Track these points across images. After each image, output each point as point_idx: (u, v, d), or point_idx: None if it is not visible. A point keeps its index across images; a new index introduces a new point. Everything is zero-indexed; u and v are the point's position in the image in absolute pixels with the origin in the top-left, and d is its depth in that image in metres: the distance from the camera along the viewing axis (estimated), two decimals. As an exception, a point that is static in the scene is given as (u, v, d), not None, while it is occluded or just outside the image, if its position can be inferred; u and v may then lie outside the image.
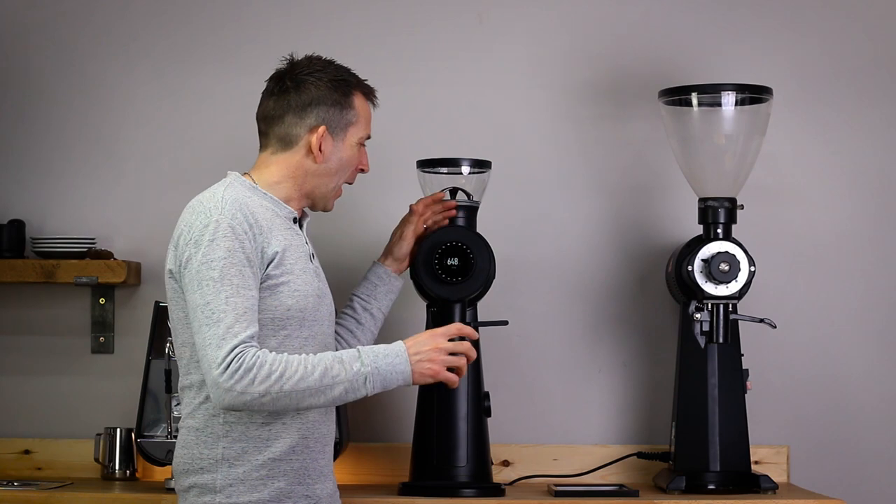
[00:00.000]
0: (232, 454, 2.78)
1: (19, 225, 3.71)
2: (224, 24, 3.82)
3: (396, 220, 3.67)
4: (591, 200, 3.79)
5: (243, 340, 2.67)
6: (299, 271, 2.83)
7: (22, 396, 3.77)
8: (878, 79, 3.81)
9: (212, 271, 2.71)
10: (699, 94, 3.45)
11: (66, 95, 3.80)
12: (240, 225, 2.76)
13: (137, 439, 3.54)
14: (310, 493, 2.83)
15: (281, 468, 2.79)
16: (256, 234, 2.78)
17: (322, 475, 2.86)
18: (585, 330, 3.77)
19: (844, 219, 3.79)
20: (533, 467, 3.70)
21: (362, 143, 2.94)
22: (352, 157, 2.91)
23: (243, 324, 2.68)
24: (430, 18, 3.82)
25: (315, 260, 2.93)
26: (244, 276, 2.73)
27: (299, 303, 2.81)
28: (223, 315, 2.69)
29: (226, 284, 2.71)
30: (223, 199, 2.79)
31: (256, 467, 2.78)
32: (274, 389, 2.66)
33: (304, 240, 2.91)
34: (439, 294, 3.38)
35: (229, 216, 2.76)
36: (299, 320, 2.81)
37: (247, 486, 2.77)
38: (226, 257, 2.72)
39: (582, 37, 3.81)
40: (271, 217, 2.85)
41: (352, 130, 2.91)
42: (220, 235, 2.74)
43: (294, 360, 2.69)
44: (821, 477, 3.71)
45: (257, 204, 2.84)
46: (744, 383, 3.48)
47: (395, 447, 3.65)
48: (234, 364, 2.65)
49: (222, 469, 2.78)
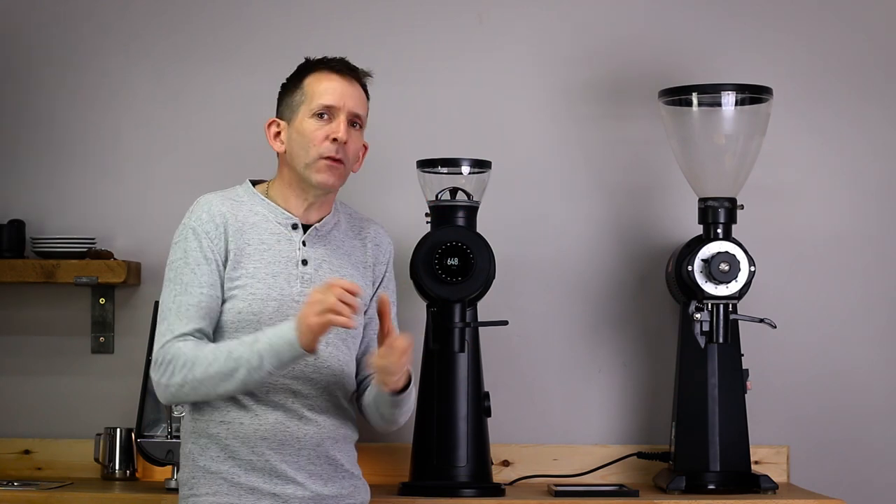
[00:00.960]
0: (196, 450, 2.86)
1: (19, 225, 3.71)
2: (224, 24, 3.82)
3: (396, 219, 3.67)
4: (591, 200, 3.79)
5: (177, 336, 2.78)
6: (264, 276, 2.86)
7: (22, 396, 3.77)
8: (878, 79, 3.81)
9: (169, 272, 2.87)
10: (699, 94, 3.45)
11: (66, 95, 3.80)
12: (203, 226, 2.86)
13: (137, 439, 3.54)
14: (278, 493, 2.83)
15: (242, 465, 2.82)
16: (225, 235, 2.86)
17: (289, 477, 2.83)
18: (585, 330, 3.77)
19: (844, 219, 3.79)
20: (533, 467, 3.70)
21: (320, 114, 2.89)
22: (306, 129, 2.89)
23: (182, 321, 2.80)
24: (430, 18, 3.82)
25: (307, 266, 2.90)
26: (196, 274, 2.83)
27: (252, 307, 2.84)
28: (168, 314, 2.83)
29: (176, 283, 2.84)
30: (199, 201, 2.92)
31: (216, 462, 2.83)
32: (189, 378, 2.76)
33: (296, 246, 2.90)
34: (439, 294, 3.38)
35: (194, 218, 2.88)
36: (253, 324, 2.83)
37: (207, 479, 2.84)
38: (181, 258, 2.86)
39: (582, 37, 3.81)
40: (257, 222, 2.90)
41: (302, 109, 2.91)
42: (182, 238, 2.88)
43: (207, 348, 2.77)
44: (821, 477, 3.70)
45: (246, 209, 2.91)
46: (744, 383, 3.48)
47: (395, 447, 3.65)
48: (158, 359, 2.79)
49: (188, 464, 2.88)
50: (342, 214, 3.02)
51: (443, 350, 3.42)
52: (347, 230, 3.00)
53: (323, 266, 2.92)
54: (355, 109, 2.92)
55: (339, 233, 2.98)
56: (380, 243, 3.04)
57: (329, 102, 2.89)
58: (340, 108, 2.90)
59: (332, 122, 2.89)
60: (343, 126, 2.89)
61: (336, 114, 2.90)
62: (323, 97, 2.90)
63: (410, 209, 3.66)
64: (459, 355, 3.42)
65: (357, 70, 2.97)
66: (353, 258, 2.98)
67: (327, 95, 2.90)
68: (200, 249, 2.84)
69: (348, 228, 3.01)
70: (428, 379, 3.45)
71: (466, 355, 3.43)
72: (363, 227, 3.04)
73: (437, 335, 3.42)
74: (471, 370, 3.43)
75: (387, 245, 3.06)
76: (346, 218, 3.02)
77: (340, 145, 2.88)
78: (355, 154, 2.94)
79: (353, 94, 2.92)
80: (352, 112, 2.91)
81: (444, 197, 3.47)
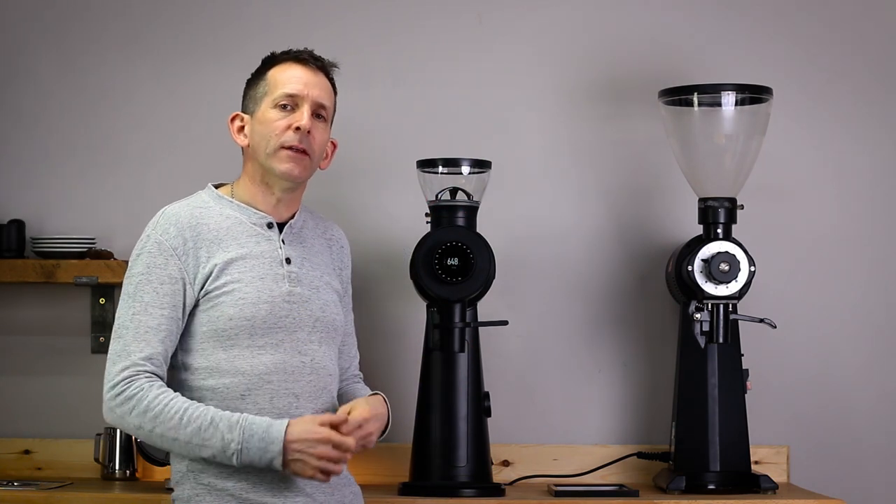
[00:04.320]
0: (197, 467, 2.76)
1: (19, 225, 3.71)
2: (224, 24, 3.82)
3: (396, 219, 3.68)
4: (591, 200, 3.79)
5: (135, 362, 2.70)
6: (251, 279, 2.79)
7: (22, 396, 3.77)
8: (878, 78, 3.81)
9: (129, 286, 2.78)
10: (699, 94, 3.45)
11: (66, 95, 3.80)
12: (170, 241, 2.77)
13: (137, 439, 3.54)
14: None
15: (249, 479, 2.74)
16: (195, 249, 2.78)
17: (298, 489, 2.77)
18: (585, 330, 3.77)
19: (844, 218, 3.79)
20: (533, 467, 3.70)
21: (283, 105, 2.83)
22: (268, 119, 2.82)
23: (140, 343, 2.72)
24: (430, 18, 3.82)
25: (292, 265, 2.85)
26: (159, 293, 2.75)
27: (243, 312, 2.76)
28: (125, 332, 2.74)
29: (136, 301, 2.75)
30: (164, 213, 2.83)
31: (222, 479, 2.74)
32: (146, 427, 2.69)
33: (276, 245, 2.84)
34: (439, 294, 3.38)
35: (160, 231, 2.79)
36: (247, 330, 2.76)
37: (213, 496, 2.74)
38: (143, 273, 2.77)
39: (582, 37, 3.81)
40: (231, 226, 2.82)
41: (265, 100, 2.85)
42: (146, 251, 2.78)
43: (174, 406, 2.68)
44: (821, 477, 3.71)
45: (216, 214, 2.83)
46: (744, 383, 3.48)
47: (395, 447, 3.65)
48: (119, 387, 2.70)
49: (188, 480, 2.78)
50: (307, 214, 2.96)
51: (443, 350, 3.42)
52: (314, 229, 2.96)
53: (305, 264, 2.87)
54: (319, 99, 2.85)
55: (308, 231, 2.94)
56: (343, 246, 3.03)
57: (292, 91, 2.82)
58: (304, 98, 2.83)
59: (295, 111, 2.83)
60: (306, 115, 2.81)
61: (300, 103, 2.83)
62: (286, 86, 2.83)
63: (410, 209, 3.66)
64: (459, 355, 3.42)
65: (322, 60, 2.89)
66: (324, 258, 2.94)
67: (290, 84, 2.83)
68: (165, 267, 2.76)
69: (314, 227, 2.97)
70: (428, 379, 3.45)
71: (466, 355, 3.43)
72: (326, 228, 3.00)
73: (437, 335, 3.41)
74: (471, 370, 3.43)
75: (348, 248, 3.04)
76: (310, 217, 2.97)
77: (304, 135, 2.81)
78: (321, 146, 2.87)
79: (317, 84, 2.85)
80: (316, 102, 2.84)
81: (444, 197, 3.47)
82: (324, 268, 2.92)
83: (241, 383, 2.76)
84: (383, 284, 3.72)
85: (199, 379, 2.77)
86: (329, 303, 2.89)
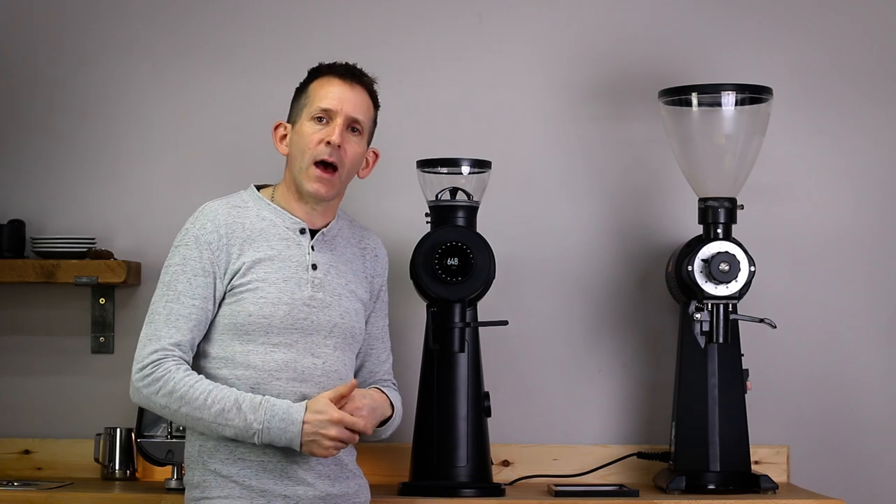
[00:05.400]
0: (206, 452, 2.87)
1: (19, 225, 3.71)
2: (224, 24, 3.81)
3: (396, 219, 3.68)
4: (591, 200, 3.79)
5: (164, 346, 2.82)
6: (276, 280, 2.88)
7: (22, 396, 3.77)
8: (878, 78, 3.81)
9: (165, 275, 2.91)
10: (699, 94, 3.45)
11: (66, 95, 3.80)
12: (206, 236, 2.89)
13: (137, 439, 3.54)
14: (289, 494, 2.85)
15: (252, 467, 2.85)
16: (228, 245, 2.88)
17: (299, 478, 2.87)
18: (585, 330, 3.77)
19: (845, 218, 3.79)
20: (533, 467, 3.70)
21: (319, 118, 2.92)
22: (304, 132, 2.93)
23: (171, 330, 2.84)
24: (431, 19, 3.82)
25: (317, 271, 2.93)
26: (193, 284, 2.87)
27: (263, 310, 2.87)
28: (157, 317, 2.87)
29: (170, 289, 2.88)
30: (203, 209, 2.94)
31: (227, 465, 2.85)
32: (172, 407, 2.81)
33: (305, 250, 2.93)
34: (439, 294, 3.38)
35: (198, 226, 2.90)
36: (264, 327, 2.87)
37: (218, 482, 2.85)
38: (180, 264, 2.89)
39: (582, 37, 3.81)
40: (265, 227, 2.92)
41: (304, 112, 2.95)
42: (183, 243, 2.90)
43: (199, 388, 2.80)
44: (821, 477, 3.70)
45: (253, 214, 2.94)
46: (744, 383, 3.48)
47: (395, 447, 3.65)
48: (148, 368, 2.82)
49: (197, 467, 2.89)
50: (344, 221, 3.05)
51: (443, 350, 3.42)
52: (349, 237, 3.04)
53: (331, 271, 2.95)
54: (353, 114, 2.93)
55: (342, 240, 3.02)
56: (378, 255, 3.09)
57: (327, 106, 2.92)
58: (338, 112, 2.92)
59: (329, 125, 2.92)
60: (338, 130, 2.91)
61: (334, 117, 2.92)
62: (322, 101, 2.93)
63: (410, 209, 3.66)
64: (459, 355, 3.42)
65: (363, 76, 2.99)
66: (355, 266, 3.02)
67: (326, 100, 2.93)
68: (200, 260, 2.87)
69: (350, 236, 3.04)
70: (428, 379, 3.45)
71: (466, 355, 3.43)
72: (363, 237, 3.07)
73: (437, 335, 3.41)
74: (471, 370, 3.43)
75: (384, 257, 3.10)
76: (348, 225, 3.06)
77: (334, 149, 2.90)
78: (353, 159, 2.95)
79: (352, 99, 2.94)
80: (350, 116, 2.93)
81: (444, 197, 3.47)
82: (351, 276, 2.99)
83: (252, 376, 2.87)
84: (383, 284, 3.72)
85: (214, 368, 2.89)
86: (350, 310, 2.97)
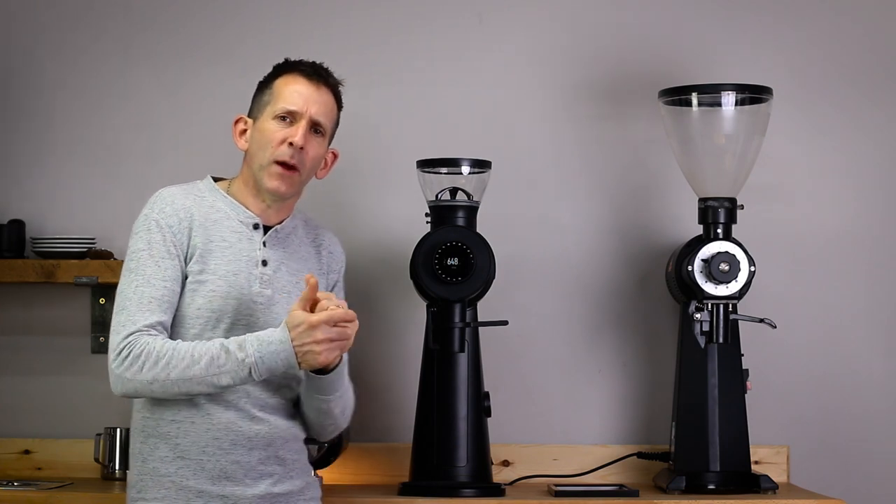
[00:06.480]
0: (146, 450, 2.84)
1: (19, 225, 3.71)
2: (224, 24, 3.82)
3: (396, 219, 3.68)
4: (591, 200, 3.79)
5: (139, 329, 2.76)
6: (225, 273, 2.86)
7: (22, 396, 3.77)
8: (878, 78, 3.81)
9: (130, 262, 2.84)
10: (699, 94, 3.44)
11: (65, 95, 3.80)
12: (166, 219, 2.86)
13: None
14: (227, 494, 2.81)
15: (191, 467, 2.81)
16: (188, 229, 2.86)
17: (238, 479, 2.82)
18: (585, 330, 3.77)
19: (845, 218, 3.79)
20: (533, 467, 3.70)
21: (282, 117, 2.89)
22: (265, 130, 2.90)
23: (145, 313, 2.78)
24: (431, 18, 3.82)
25: (267, 267, 2.90)
26: (162, 267, 2.82)
27: (212, 304, 2.84)
28: (128, 303, 2.79)
29: (138, 274, 2.82)
30: (160, 194, 2.92)
31: (165, 463, 2.82)
32: (161, 377, 2.73)
33: (256, 246, 2.90)
34: (439, 294, 3.38)
35: (157, 210, 2.88)
36: (212, 321, 2.84)
37: (155, 482, 2.82)
38: (145, 248, 2.84)
39: (582, 37, 3.81)
40: (219, 219, 2.90)
41: (267, 109, 2.92)
42: (145, 228, 2.86)
43: (182, 349, 2.75)
44: (821, 477, 3.70)
45: (207, 205, 2.91)
46: (744, 383, 3.48)
47: (395, 447, 3.65)
48: (124, 351, 2.75)
49: (137, 465, 2.86)
50: (299, 220, 3.02)
51: (443, 350, 3.42)
52: (304, 236, 3.02)
53: (281, 268, 2.93)
54: (317, 117, 2.91)
55: (296, 237, 2.99)
56: (333, 251, 3.06)
57: (292, 107, 2.89)
58: (303, 114, 2.89)
59: (292, 126, 2.90)
60: (302, 131, 2.88)
61: (298, 118, 2.90)
62: (287, 101, 2.90)
63: (410, 209, 3.66)
64: (459, 355, 3.42)
65: (328, 77, 2.95)
66: (310, 264, 2.99)
67: (291, 99, 2.90)
68: (164, 243, 2.84)
69: (304, 234, 3.02)
70: (428, 379, 3.45)
71: (466, 355, 3.43)
72: (318, 235, 3.05)
73: (437, 335, 3.41)
74: (471, 370, 3.43)
75: (339, 254, 3.08)
76: (303, 224, 3.03)
77: (297, 150, 2.88)
78: (314, 161, 2.93)
79: (318, 101, 2.91)
80: (314, 119, 2.91)
81: (444, 197, 3.47)
82: (304, 273, 2.94)
83: None
84: (383, 284, 3.72)
85: None
86: None
